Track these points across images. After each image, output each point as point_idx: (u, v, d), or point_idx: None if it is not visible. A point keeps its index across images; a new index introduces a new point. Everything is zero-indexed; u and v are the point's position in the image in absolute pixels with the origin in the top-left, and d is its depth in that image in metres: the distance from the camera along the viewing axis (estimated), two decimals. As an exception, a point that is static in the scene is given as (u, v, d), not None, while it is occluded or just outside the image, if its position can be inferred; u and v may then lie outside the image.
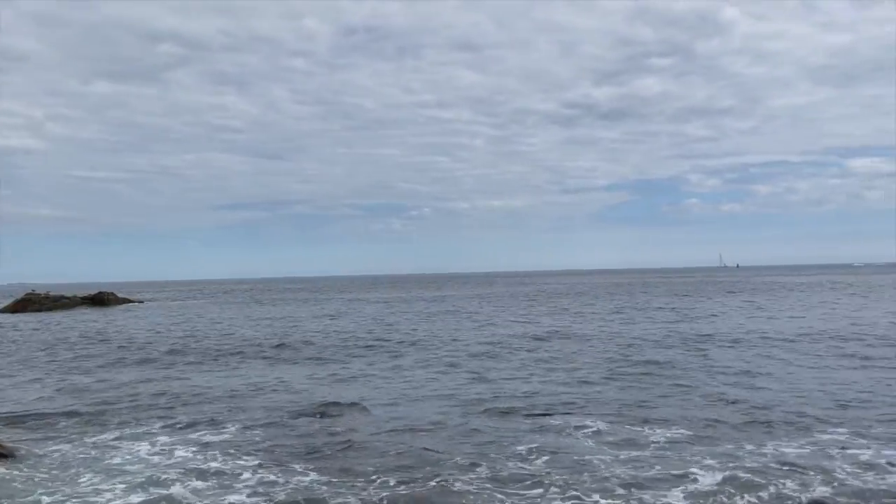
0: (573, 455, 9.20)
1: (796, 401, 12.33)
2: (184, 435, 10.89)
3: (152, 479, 8.55)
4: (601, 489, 7.85)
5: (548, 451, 9.42)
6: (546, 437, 10.27)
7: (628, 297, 53.30)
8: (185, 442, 10.46)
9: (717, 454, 9.08)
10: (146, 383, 16.05)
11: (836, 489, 7.64)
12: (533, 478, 8.33)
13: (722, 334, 23.63)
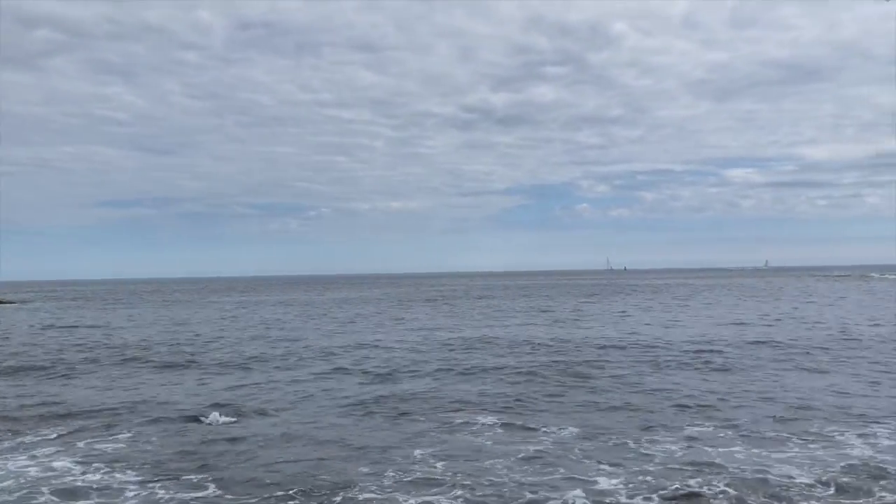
0: (474, 457, 9.22)
1: (687, 399, 12.91)
2: (64, 446, 10.12)
3: (24, 497, 7.88)
4: (503, 492, 7.89)
5: (450, 452, 9.40)
6: (447, 436, 10.27)
7: (526, 300, 54.52)
8: (65, 454, 9.70)
9: (613, 453, 9.34)
10: (19, 392, 14.85)
11: (731, 483, 8.01)
12: (439, 483, 8.28)
13: (617, 336, 24.50)
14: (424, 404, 12.77)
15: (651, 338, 23.41)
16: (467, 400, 13.09)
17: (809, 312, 34.49)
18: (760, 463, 8.75)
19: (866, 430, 10.39)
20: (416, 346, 22.39)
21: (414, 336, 25.76)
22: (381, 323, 32.85)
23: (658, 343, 21.78)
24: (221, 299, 65.93)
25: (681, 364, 17.27)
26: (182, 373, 17.68)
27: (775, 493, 7.62)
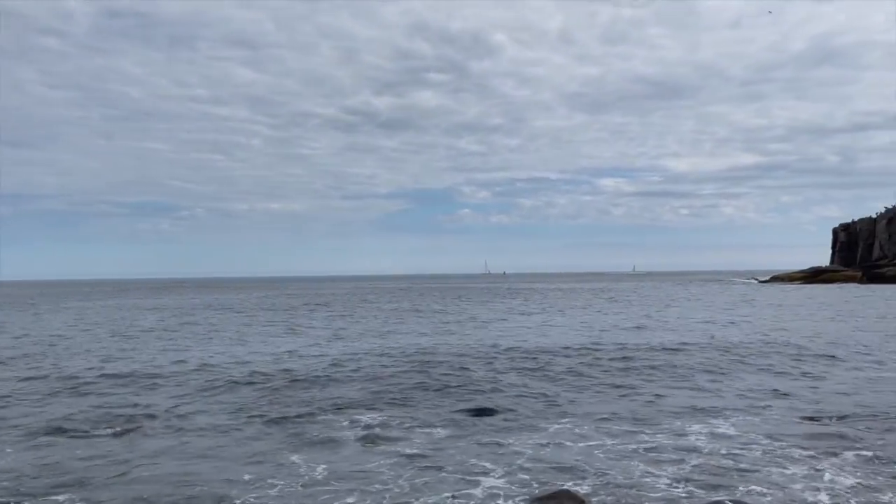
0: (357, 460, 9.31)
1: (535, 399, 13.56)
2: None
3: None
4: (392, 496, 8.03)
5: (331, 460, 9.44)
6: (330, 440, 10.29)
7: (410, 302, 54.86)
8: None
9: (489, 450, 9.71)
10: None
11: (598, 479, 8.54)
12: (327, 494, 8.31)
13: (489, 337, 25.22)
14: (307, 407, 12.69)
15: (529, 342, 24.24)
16: (350, 402, 13.11)
17: (689, 315, 36.78)
18: (623, 457, 9.37)
19: (713, 422, 11.32)
20: (298, 350, 22.09)
21: (297, 341, 25.39)
22: (261, 329, 32.07)
23: (535, 346, 22.61)
24: (80, 303, 61.91)
25: (551, 365, 18.04)
26: (39, 381, 16.55)
27: (635, 484, 8.20)
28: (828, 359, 18.77)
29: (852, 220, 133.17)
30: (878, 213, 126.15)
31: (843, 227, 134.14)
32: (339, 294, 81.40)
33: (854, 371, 16.67)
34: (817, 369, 16.99)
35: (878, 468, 8.69)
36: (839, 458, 9.14)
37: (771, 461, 9.05)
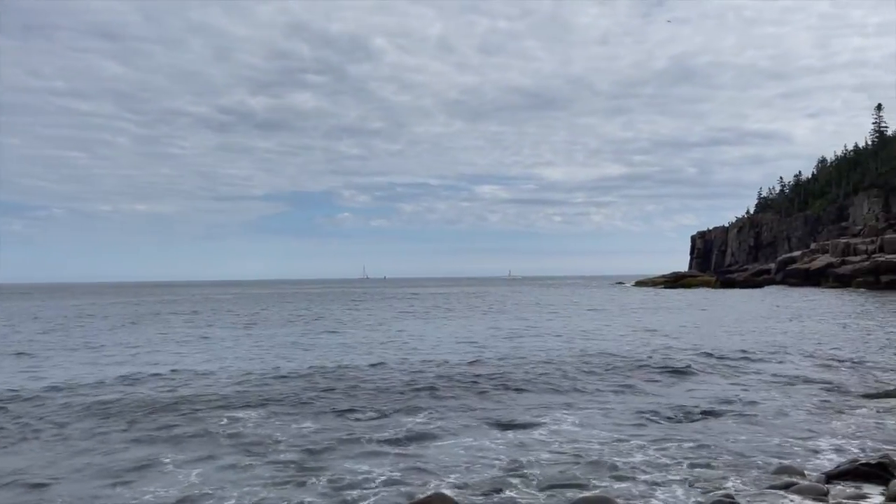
0: (237, 462, 8.97)
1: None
2: None
3: None
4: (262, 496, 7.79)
5: (207, 456, 9.05)
6: (207, 440, 9.85)
7: (292, 307, 53.60)
8: None
9: (346, 449, 9.64)
10: None
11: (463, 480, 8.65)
12: (196, 488, 7.92)
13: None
14: (181, 408, 12.08)
15: (413, 350, 24.31)
16: (227, 402, 12.62)
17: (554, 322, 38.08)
18: (493, 458, 9.59)
19: (569, 419, 11.81)
20: (173, 356, 21.03)
21: (170, 348, 24.16)
22: (132, 337, 30.33)
23: (420, 357, 22.69)
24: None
25: (412, 371, 18.19)
26: None
27: (503, 484, 8.40)
28: (692, 358, 20.06)
29: (708, 229, 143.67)
30: (729, 222, 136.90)
31: (700, 235, 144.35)
32: (201, 300, 78.26)
33: (710, 374, 17.87)
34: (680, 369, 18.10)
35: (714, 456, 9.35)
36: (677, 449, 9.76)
37: (616, 453, 9.54)
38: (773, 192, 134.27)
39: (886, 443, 9.72)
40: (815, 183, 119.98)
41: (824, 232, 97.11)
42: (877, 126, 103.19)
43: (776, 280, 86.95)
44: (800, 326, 29.34)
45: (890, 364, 17.42)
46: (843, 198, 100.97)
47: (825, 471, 8.20)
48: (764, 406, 12.53)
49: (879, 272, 73.90)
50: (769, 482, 7.88)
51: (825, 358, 18.45)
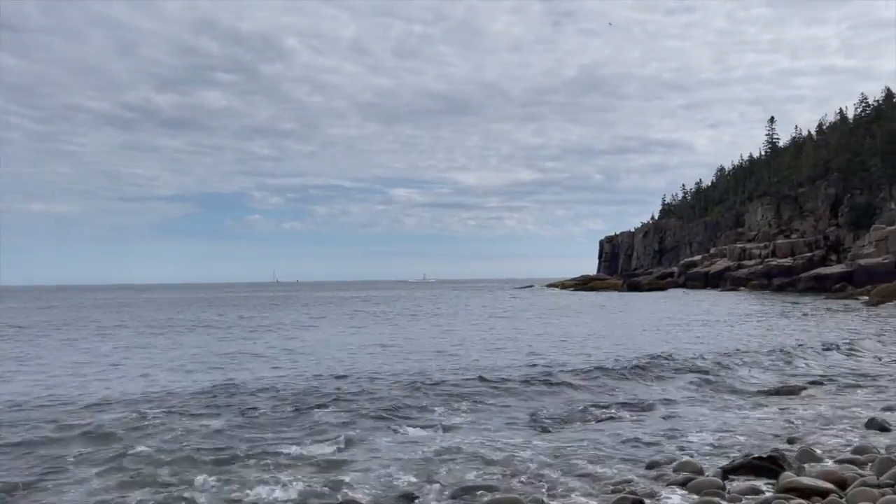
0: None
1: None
2: None
3: None
4: None
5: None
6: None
7: (198, 313, 51.72)
8: None
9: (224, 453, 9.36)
10: None
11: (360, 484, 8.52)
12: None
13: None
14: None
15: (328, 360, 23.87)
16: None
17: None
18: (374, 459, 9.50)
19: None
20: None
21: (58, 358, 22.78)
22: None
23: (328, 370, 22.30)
24: None
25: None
26: None
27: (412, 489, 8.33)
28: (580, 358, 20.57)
29: (615, 234, 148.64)
30: (636, 227, 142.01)
31: (608, 240, 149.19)
32: (97, 306, 74.70)
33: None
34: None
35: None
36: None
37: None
38: (676, 199, 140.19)
39: (778, 437, 10.22)
40: (715, 190, 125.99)
41: (722, 237, 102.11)
42: (770, 138, 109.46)
43: (679, 283, 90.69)
44: (701, 328, 30.65)
45: (774, 364, 18.41)
46: (739, 205, 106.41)
47: (721, 465, 8.52)
48: (664, 405, 12.96)
49: (771, 275, 78.39)
50: (670, 479, 8.13)
51: (723, 356, 19.28)
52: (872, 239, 71.04)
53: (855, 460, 8.44)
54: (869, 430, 10.57)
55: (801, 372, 16.95)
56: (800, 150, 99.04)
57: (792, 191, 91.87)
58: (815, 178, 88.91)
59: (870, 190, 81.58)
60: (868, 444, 9.31)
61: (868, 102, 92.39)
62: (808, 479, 7.56)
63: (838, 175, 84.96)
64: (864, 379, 15.82)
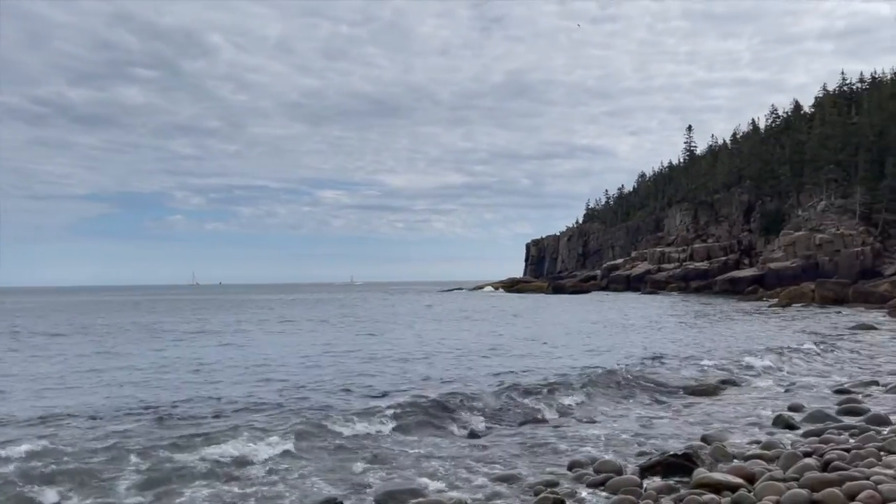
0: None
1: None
2: None
3: None
4: None
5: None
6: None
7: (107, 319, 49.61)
8: None
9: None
10: None
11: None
12: None
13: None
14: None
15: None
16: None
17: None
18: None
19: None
20: None
21: None
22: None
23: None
24: None
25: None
26: None
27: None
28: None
29: (541, 237, 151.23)
30: (561, 231, 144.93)
31: (534, 243, 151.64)
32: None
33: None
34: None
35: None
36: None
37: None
38: (600, 204, 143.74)
39: (692, 436, 10.60)
40: (636, 195, 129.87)
41: (643, 241, 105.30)
42: (688, 146, 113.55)
43: (602, 285, 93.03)
44: (623, 332, 31.50)
45: (692, 365, 19.09)
46: (659, 210, 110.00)
47: (639, 464, 8.77)
48: (583, 407, 13.25)
49: (689, 278, 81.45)
50: (590, 479, 8.30)
51: (642, 359, 19.85)
52: (781, 244, 74.75)
53: (763, 456, 8.83)
54: (776, 427, 11.13)
55: (716, 372, 17.62)
56: (715, 158, 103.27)
57: (708, 197, 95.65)
58: (729, 185, 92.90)
59: (779, 197, 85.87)
60: (775, 441, 9.77)
61: (778, 114, 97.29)
62: (719, 474, 7.87)
63: (751, 182, 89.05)
64: (773, 379, 16.60)
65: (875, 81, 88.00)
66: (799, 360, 19.59)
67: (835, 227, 72.11)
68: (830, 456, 8.25)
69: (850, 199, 74.72)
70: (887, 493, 6.72)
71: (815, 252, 70.53)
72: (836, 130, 79.67)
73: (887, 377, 16.13)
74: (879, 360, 19.50)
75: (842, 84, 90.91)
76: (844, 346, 22.82)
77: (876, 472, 7.42)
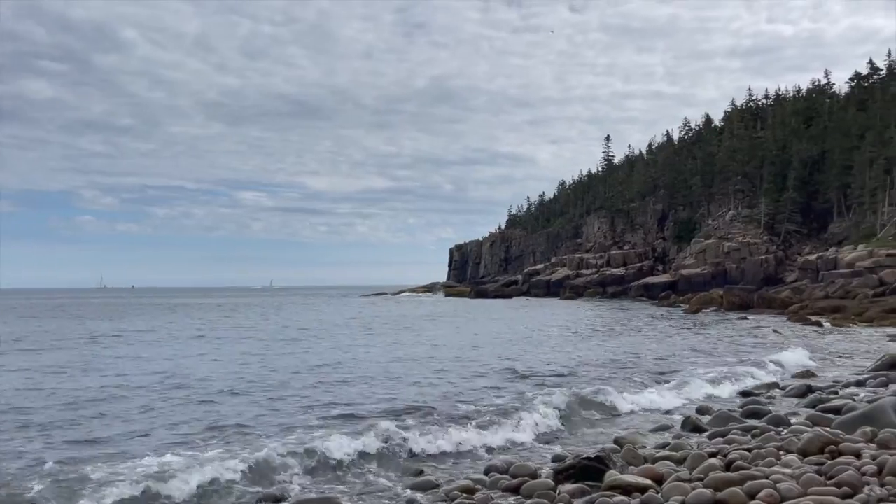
0: None
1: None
2: None
3: None
4: None
5: None
6: None
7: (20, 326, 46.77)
8: None
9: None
10: None
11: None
12: None
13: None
14: None
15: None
16: None
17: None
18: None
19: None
20: None
21: None
22: None
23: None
24: None
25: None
26: None
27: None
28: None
29: (464, 242, 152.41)
30: (483, 236, 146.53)
31: (458, 248, 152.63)
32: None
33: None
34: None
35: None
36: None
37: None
38: (522, 210, 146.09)
39: (608, 440, 10.83)
40: (556, 203, 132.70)
41: (563, 247, 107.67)
42: (606, 155, 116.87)
43: (523, 290, 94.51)
44: (543, 340, 32.04)
45: (606, 371, 19.57)
46: (578, 217, 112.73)
47: (553, 468, 8.88)
48: (505, 412, 13.36)
49: (606, 284, 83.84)
50: (505, 484, 8.35)
51: (562, 365, 20.21)
52: (692, 251, 77.94)
53: (671, 457, 9.10)
54: (684, 430, 11.56)
55: (630, 377, 18.10)
56: (632, 168, 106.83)
57: (625, 205, 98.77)
58: (644, 194, 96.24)
59: (691, 206, 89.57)
60: (683, 443, 10.10)
61: (690, 126, 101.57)
62: (629, 476, 8.05)
63: (665, 192, 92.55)
64: (676, 381, 17.19)
65: (779, 98, 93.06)
66: (710, 363, 20.37)
67: (741, 236, 75.78)
68: (733, 456, 8.57)
69: (756, 210, 78.65)
70: (785, 491, 7.01)
71: (723, 259, 73.85)
72: (743, 144, 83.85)
73: (788, 380, 17.00)
74: (782, 364, 20.51)
75: (748, 100, 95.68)
76: (750, 349, 23.92)
77: (775, 471, 7.75)
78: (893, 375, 15.80)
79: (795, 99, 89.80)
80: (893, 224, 61.14)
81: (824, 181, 73.95)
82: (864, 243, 60.57)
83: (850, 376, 16.95)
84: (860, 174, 67.08)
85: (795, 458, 8.37)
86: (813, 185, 75.64)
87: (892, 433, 8.89)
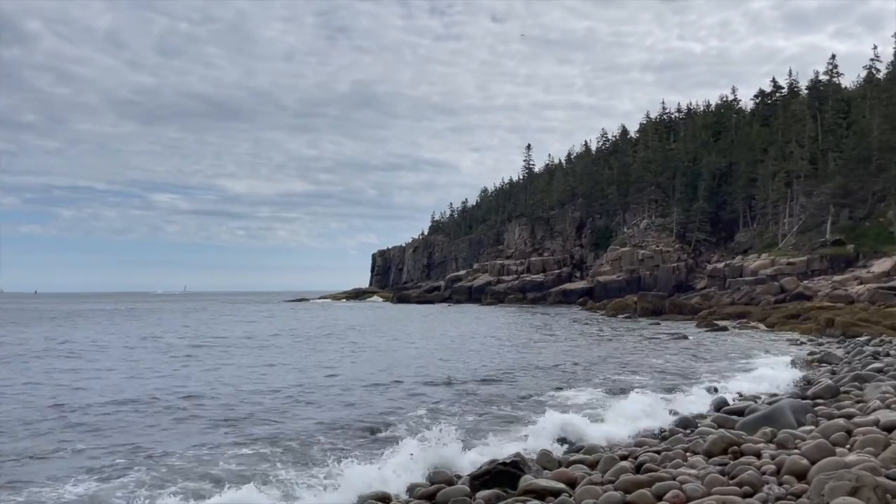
0: None
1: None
2: None
3: None
4: None
5: None
6: None
7: None
8: None
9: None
10: None
11: None
12: None
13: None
14: None
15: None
16: None
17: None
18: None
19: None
20: None
21: None
22: None
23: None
24: None
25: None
26: None
27: None
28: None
29: (387, 248, 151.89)
30: (406, 242, 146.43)
31: (381, 253, 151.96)
32: None
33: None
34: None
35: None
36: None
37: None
38: (444, 216, 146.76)
39: (523, 442, 10.95)
40: (479, 210, 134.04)
41: (485, 254, 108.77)
42: (527, 163, 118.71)
43: (445, 296, 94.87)
44: (463, 346, 32.22)
45: (528, 375, 19.88)
46: (500, 224, 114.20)
47: (469, 473, 8.90)
48: (419, 420, 13.35)
49: (526, 290, 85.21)
50: (422, 491, 8.31)
51: (479, 370, 20.38)
52: (609, 258, 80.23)
53: (585, 461, 9.29)
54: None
55: (551, 380, 18.43)
56: (552, 177, 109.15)
57: (544, 213, 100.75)
58: (563, 202, 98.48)
59: (608, 214, 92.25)
60: (596, 445, 10.32)
61: (608, 137, 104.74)
62: (544, 480, 8.17)
63: (583, 200, 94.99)
64: (592, 384, 17.62)
65: (690, 112, 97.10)
66: (628, 369, 20.97)
67: (655, 244, 78.54)
68: (643, 458, 8.83)
69: (669, 219, 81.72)
70: (690, 491, 7.26)
71: (637, 267, 76.32)
72: (656, 155, 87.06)
73: (702, 380, 17.68)
74: (693, 366, 21.32)
75: (662, 113, 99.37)
76: (664, 352, 24.79)
77: (681, 472, 8.03)
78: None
79: (705, 113, 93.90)
80: (793, 234, 64.72)
81: (731, 192, 77.52)
82: (766, 252, 63.88)
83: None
84: (764, 186, 70.64)
85: (701, 459, 8.70)
86: (721, 195, 79.15)
87: (790, 434, 9.37)
